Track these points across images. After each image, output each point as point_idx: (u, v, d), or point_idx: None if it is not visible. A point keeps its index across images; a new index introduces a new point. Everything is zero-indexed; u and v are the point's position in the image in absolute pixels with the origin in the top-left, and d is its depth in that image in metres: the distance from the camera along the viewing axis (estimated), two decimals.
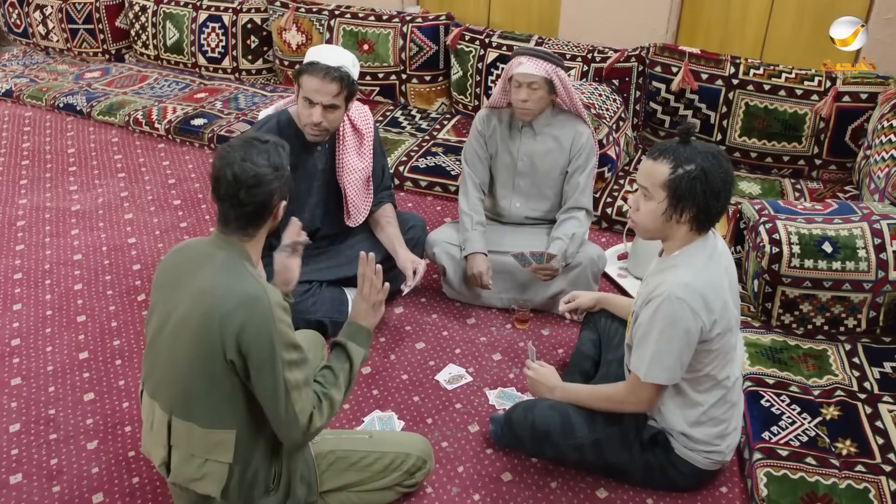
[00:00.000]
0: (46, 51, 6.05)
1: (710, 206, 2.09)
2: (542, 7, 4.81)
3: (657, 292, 2.12)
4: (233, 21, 5.29)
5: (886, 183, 3.29)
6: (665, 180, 2.09)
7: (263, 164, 1.96)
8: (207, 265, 1.97)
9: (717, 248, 2.19)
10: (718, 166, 2.07)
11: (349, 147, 3.05)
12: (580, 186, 3.23)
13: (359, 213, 3.16)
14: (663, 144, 2.15)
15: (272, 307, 1.89)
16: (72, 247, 3.73)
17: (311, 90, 2.80)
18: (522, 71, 3.05)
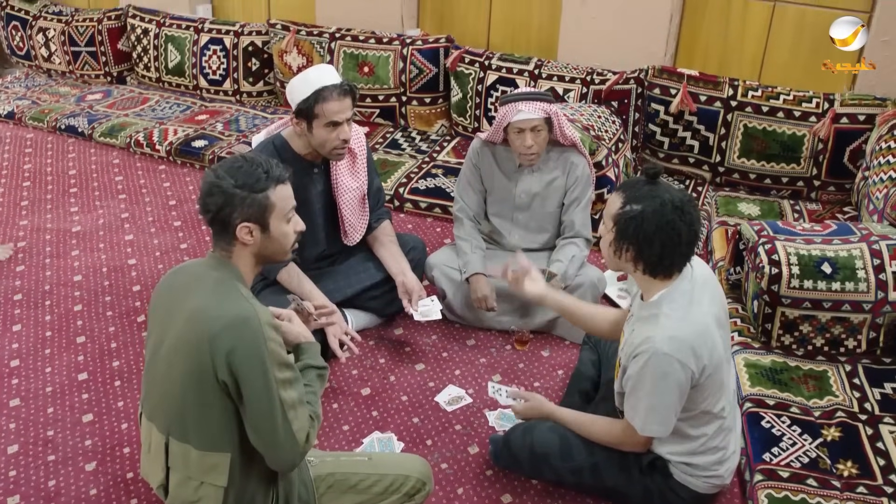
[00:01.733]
0: (49, 73, 6.08)
1: (643, 251, 2.08)
2: (541, 30, 4.84)
3: (643, 348, 2.10)
4: (234, 44, 5.33)
5: (885, 204, 3.30)
6: (613, 213, 2.13)
7: (227, 178, 1.96)
8: (200, 286, 1.97)
9: (696, 284, 2.16)
10: (661, 214, 2.05)
11: (343, 167, 3.06)
12: (578, 217, 3.24)
13: (355, 232, 3.17)
14: (630, 180, 2.17)
15: (262, 326, 1.89)
16: (72, 268, 3.74)
17: (334, 112, 2.81)
18: (523, 117, 3.04)
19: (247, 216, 1.97)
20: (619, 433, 2.29)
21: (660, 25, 4.37)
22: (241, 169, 1.99)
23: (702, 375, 2.11)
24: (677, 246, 2.07)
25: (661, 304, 2.13)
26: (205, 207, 1.98)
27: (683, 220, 2.06)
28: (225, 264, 2.00)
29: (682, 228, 2.06)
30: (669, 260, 2.09)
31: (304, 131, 2.88)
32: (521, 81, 4.50)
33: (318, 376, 2.16)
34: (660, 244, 2.06)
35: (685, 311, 2.11)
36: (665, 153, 4.30)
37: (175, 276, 2.10)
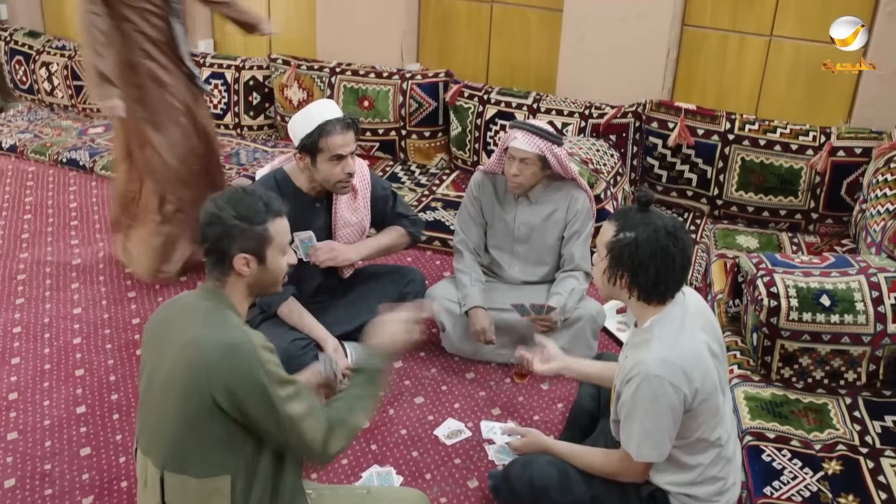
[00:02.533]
0: (51, 107, 6.13)
1: (638, 277, 2.10)
2: (539, 64, 4.88)
3: (635, 371, 2.11)
4: (235, 78, 5.37)
5: (883, 236, 3.31)
6: (606, 241, 2.15)
7: (227, 209, 1.98)
8: (192, 317, 1.99)
9: (688, 311, 2.17)
10: (654, 240, 2.08)
11: (343, 203, 3.06)
12: (578, 250, 3.25)
13: (351, 267, 3.19)
14: (623, 208, 2.20)
15: (257, 350, 1.90)
16: (72, 300, 3.74)
17: (339, 146, 2.82)
18: (515, 145, 3.08)
19: (244, 247, 1.99)
20: (615, 462, 2.28)
21: (657, 60, 4.42)
22: (242, 201, 2.00)
23: (695, 399, 2.11)
24: (671, 271, 2.10)
25: (652, 329, 2.14)
26: (203, 237, 2.00)
27: (677, 246, 2.09)
28: (217, 294, 2.02)
29: (676, 254, 2.09)
30: (664, 285, 2.12)
31: (307, 166, 2.89)
32: (519, 115, 4.54)
33: (366, 380, 2.16)
34: (654, 270, 2.09)
35: (676, 334, 2.12)
36: (663, 186, 4.32)
37: (167, 308, 2.11)
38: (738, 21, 4.32)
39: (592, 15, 4.47)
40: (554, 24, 4.71)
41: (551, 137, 3.09)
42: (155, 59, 3.60)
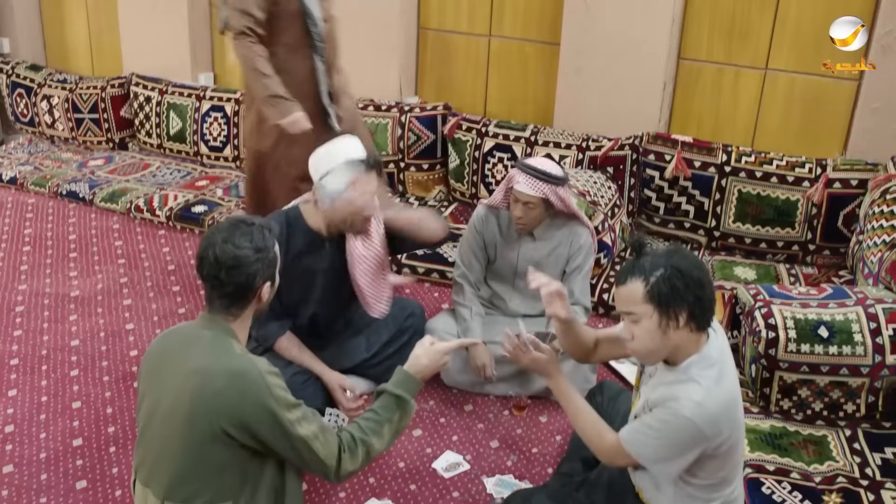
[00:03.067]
0: (51, 139, 6.16)
1: (701, 298, 2.03)
2: (537, 97, 4.92)
3: (666, 404, 2.05)
4: (235, 111, 5.41)
5: (880, 267, 3.32)
6: (643, 295, 2.04)
7: (245, 245, 1.99)
8: (194, 346, 1.99)
9: (722, 353, 2.11)
10: (685, 258, 2.05)
11: (356, 240, 3.02)
12: (578, 286, 3.25)
13: (379, 302, 3.09)
14: (624, 267, 2.13)
15: (263, 376, 1.91)
16: (70, 332, 3.73)
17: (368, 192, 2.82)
18: (519, 189, 3.10)
19: (266, 276, 2.04)
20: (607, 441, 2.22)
21: (654, 93, 4.45)
22: (252, 234, 2.04)
23: (719, 448, 2.06)
24: (711, 277, 2.09)
25: (689, 370, 2.08)
26: (232, 280, 2.00)
27: (695, 256, 2.11)
28: (218, 324, 2.03)
29: (700, 261, 2.09)
30: (713, 297, 2.07)
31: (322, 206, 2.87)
32: (517, 148, 4.57)
33: (394, 405, 2.16)
34: (707, 282, 2.04)
35: (716, 380, 2.05)
36: (661, 218, 4.34)
37: (166, 339, 2.11)
38: (734, 54, 4.37)
39: (589, 48, 4.51)
40: (551, 58, 4.76)
41: (554, 179, 3.10)
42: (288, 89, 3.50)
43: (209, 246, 2.00)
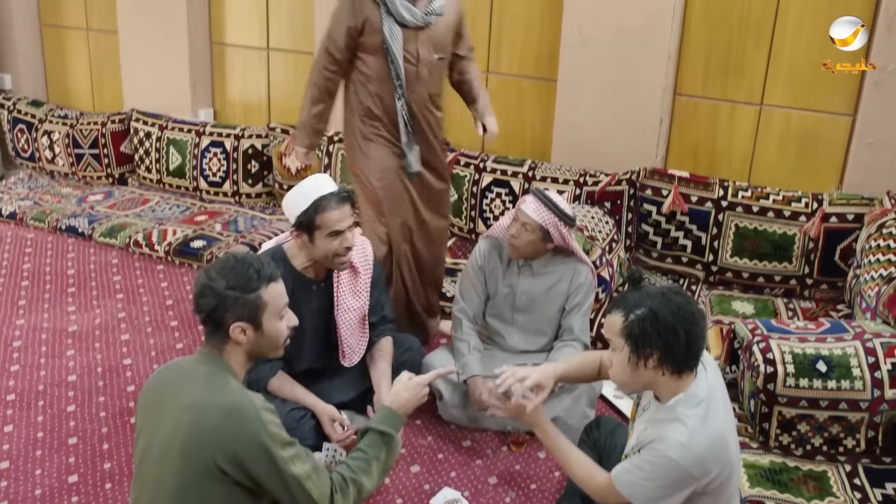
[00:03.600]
0: (51, 174, 6.19)
1: (670, 345, 2.03)
2: (534, 133, 4.96)
3: (653, 445, 2.07)
4: (234, 146, 5.45)
5: (877, 301, 3.33)
6: (620, 329, 2.08)
7: (217, 278, 2.00)
8: (191, 381, 1.99)
9: (711, 390, 2.11)
10: (667, 303, 2.04)
11: (344, 285, 3.03)
12: (578, 323, 3.25)
13: (353, 353, 3.10)
14: (617, 297, 2.16)
15: (258, 412, 1.91)
16: (67, 367, 3.72)
17: (335, 221, 2.80)
18: (524, 209, 3.12)
19: (239, 316, 2.01)
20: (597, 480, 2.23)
21: (650, 128, 4.49)
22: (233, 270, 2.03)
23: (708, 485, 2.06)
24: (697, 327, 2.05)
25: (675, 409, 2.09)
26: (198, 308, 2.03)
27: (689, 302, 2.07)
28: (215, 359, 2.03)
29: (693, 309, 2.06)
30: (695, 345, 2.06)
31: (305, 244, 2.86)
32: (515, 183, 4.59)
33: (380, 442, 2.17)
34: (683, 331, 2.03)
35: (701, 419, 2.06)
36: (658, 253, 4.35)
37: (164, 373, 2.11)
38: (729, 90, 4.41)
39: (586, 85, 4.55)
40: (549, 94, 4.80)
41: (562, 215, 3.11)
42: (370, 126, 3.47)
43: (198, 278, 2.05)
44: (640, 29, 4.34)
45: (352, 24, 3.32)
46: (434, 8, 3.36)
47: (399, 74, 3.34)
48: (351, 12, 3.32)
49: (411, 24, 3.31)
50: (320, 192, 2.81)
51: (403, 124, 3.42)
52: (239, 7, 5.73)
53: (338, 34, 3.37)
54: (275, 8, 5.59)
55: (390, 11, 3.27)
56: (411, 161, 3.46)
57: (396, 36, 3.30)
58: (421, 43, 3.37)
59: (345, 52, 3.39)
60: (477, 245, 3.38)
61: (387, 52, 3.32)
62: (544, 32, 4.75)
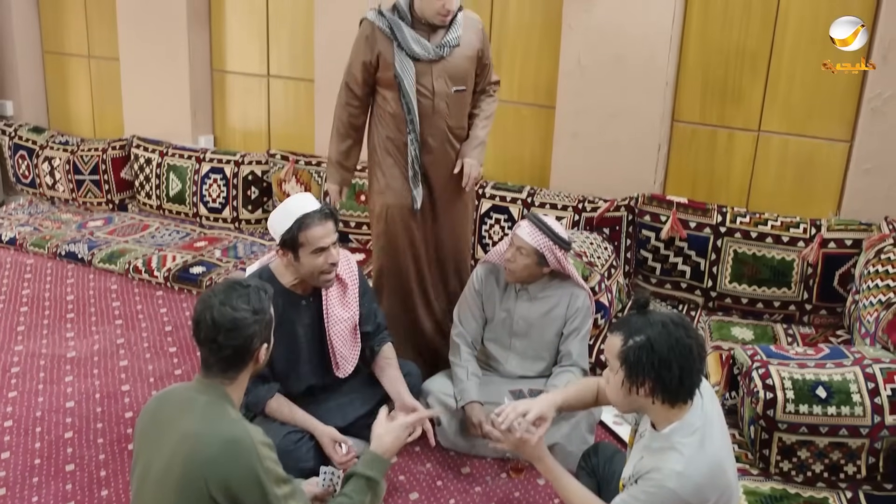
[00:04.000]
0: (52, 200, 6.21)
1: (662, 377, 2.03)
2: (533, 159, 4.98)
3: (650, 475, 2.06)
4: (234, 173, 5.47)
5: (876, 327, 3.33)
6: (617, 352, 2.09)
7: (243, 307, 2.00)
8: (189, 410, 1.98)
9: (707, 417, 2.10)
10: (667, 335, 2.03)
11: (333, 298, 3.05)
12: (576, 348, 3.25)
13: (347, 364, 3.12)
14: (622, 317, 2.16)
15: (256, 446, 1.90)
16: (65, 394, 3.71)
17: (319, 237, 2.82)
18: (519, 233, 3.13)
19: (263, 337, 2.04)
20: None
21: (649, 155, 4.51)
22: (249, 296, 2.04)
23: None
24: (692, 362, 2.04)
25: (671, 437, 2.08)
26: (230, 343, 2.00)
27: (690, 336, 2.05)
28: (214, 388, 2.02)
29: (692, 344, 2.04)
30: (689, 380, 2.05)
31: (290, 262, 2.89)
32: (514, 210, 4.61)
33: (365, 487, 2.17)
34: (677, 365, 2.02)
35: (698, 446, 2.05)
36: (657, 278, 4.35)
37: (162, 400, 2.11)
38: (727, 117, 4.43)
39: (585, 111, 4.58)
40: (547, 120, 4.82)
41: (557, 239, 3.12)
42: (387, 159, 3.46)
43: (206, 308, 2.00)
44: (637, 57, 4.38)
45: (367, 58, 3.31)
46: (449, 40, 3.29)
47: (411, 109, 3.29)
48: (366, 47, 3.31)
49: (424, 58, 3.27)
50: (303, 210, 2.84)
51: (412, 160, 3.37)
52: (240, 35, 5.78)
53: (355, 69, 3.36)
54: (275, 36, 5.64)
55: (402, 46, 3.25)
56: (415, 197, 3.41)
57: (408, 70, 3.26)
58: (436, 76, 3.31)
59: (363, 87, 3.38)
60: (474, 270, 3.39)
61: (399, 87, 3.28)
62: (543, 60, 4.78)
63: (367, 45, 3.31)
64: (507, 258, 3.16)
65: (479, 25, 3.44)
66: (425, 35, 3.29)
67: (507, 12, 4.82)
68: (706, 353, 2.11)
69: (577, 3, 4.46)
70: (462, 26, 3.33)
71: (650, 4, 4.29)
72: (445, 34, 3.30)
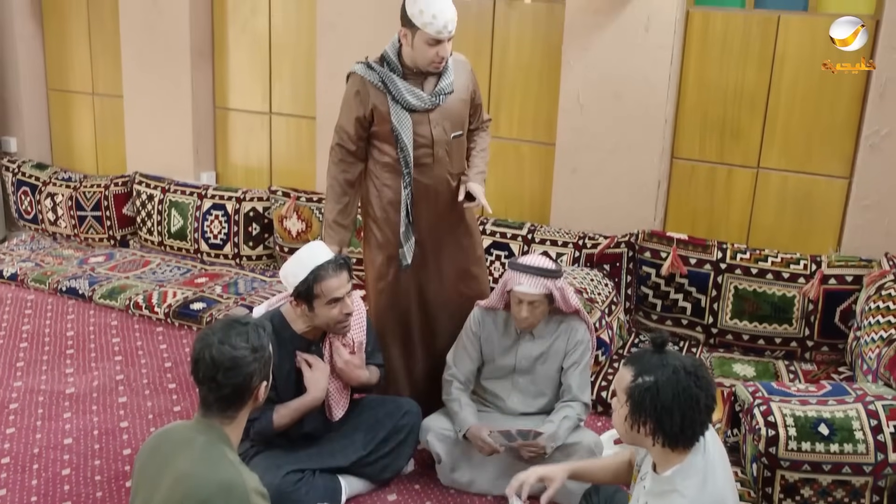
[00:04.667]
0: (53, 236, 6.22)
1: (663, 422, 2.01)
2: (533, 196, 5.00)
3: None
4: (236, 209, 5.49)
5: (878, 364, 3.32)
6: (625, 387, 2.08)
7: (242, 346, 1.99)
8: (186, 450, 1.97)
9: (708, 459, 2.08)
10: (675, 382, 2.00)
11: (339, 344, 3.06)
12: (575, 381, 3.23)
13: (338, 408, 3.11)
14: (638, 351, 2.15)
15: (248, 493, 1.88)
16: (63, 430, 3.69)
17: (334, 289, 2.82)
18: (521, 290, 3.09)
19: (263, 375, 2.03)
20: None
21: (648, 191, 4.53)
22: (248, 334, 2.03)
23: None
24: (697, 413, 2.00)
25: (673, 480, 2.06)
26: (230, 381, 1.99)
27: (699, 386, 2.01)
28: (213, 428, 2.01)
29: (700, 395, 2.01)
30: (691, 430, 2.02)
31: (305, 312, 2.89)
32: (514, 246, 4.61)
33: None
34: (679, 414, 1.99)
35: (699, 489, 2.03)
36: (658, 315, 4.34)
37: (160, 438, 2.10)
38: (725, 154, 4.46)
39: (584, 148, 4.61)
40: (547, 157, 4.85)
41: (551, 273, 3.11)
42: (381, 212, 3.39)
43: (205, 347, 1.99)
44: (636, 95, 4.42)
45: (360, 114, 3.23)
46: (444, 87, 3.23)
47: (408, 162, 3.22)
48: (357, 103, 3.23)
49: (420, 109, 3.22)
50: (317, 262, 2.84)
51: (405, 212, 3.29)
52: (242, 72, 5.83)
53: (348, 126, 3.27)
54: (277, 73, 5.69)
55: (396, 99, 3.19)
56: (405, 252, 3.32)
57: (405, 122, 3.20)
58: (434, 124, 3.25)
59: (357, 143, 3.29)
60: (472, 313, 3.36)
61: (396, 140, 3.22)
62: (542, 98, 4.82)
63: (359, 101, 3.23)
64: (524, 317, 3.12)
65: (468, 66, 3.42)
66: (418, 84, 3.23)
67: (508, 50, 4.87)
68: (715, 405, 2.07)
69: (577, 42, 4.51)
70: (453, 70, 3.29)
71: (648, 43, 4.34)
72: (439, 81, 3.25)
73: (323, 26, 5.23)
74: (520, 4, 4.74)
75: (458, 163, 3.39)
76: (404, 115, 3.19)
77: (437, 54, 3.13)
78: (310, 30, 5.42)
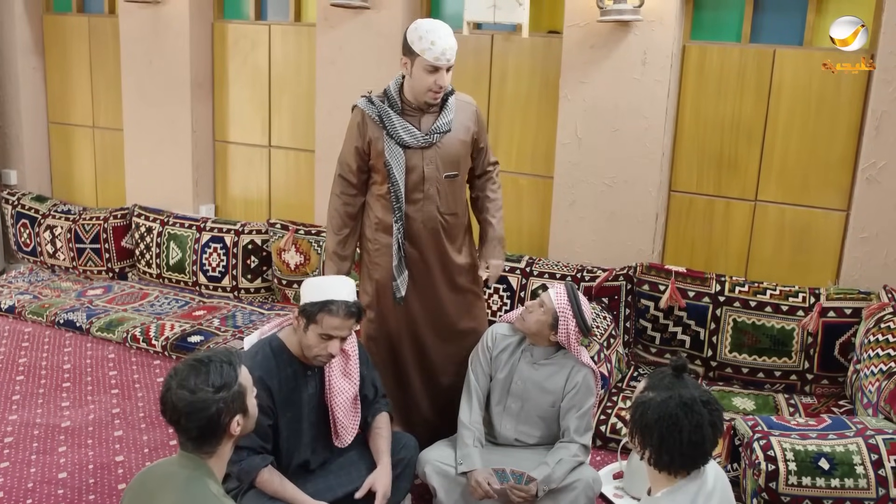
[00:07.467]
0: (52, 268, 6.22)
1: (644, 439, 2.04)
2: (532, 229, 5.00)
3: None
4: (234, 242, 5.49)
5: (878, 397, 3.30)
6: (634, 396, 2.15)
7: (202, 388, 1.95)
8: (170, 486, 1.96)
9: (703, 488, 2.06)
10: (664, 407, 2.01)
11: (336, 368, 3.03)
12: (574, 423, 3.19)
13: (346, 434, 3.08)
14: (661, 369, 2.17)
15: None
16: (58, 464, 3.66)
17: (332, 328, 2.81)
18: (549, 290, 3.15)
19: (234, 410, 2.00)
20: None
21: (646, 224, 4.53)
22: (209, 374, 1.99)
23: None
24: (677, 443, 1.99)
25: (662, 500, 2.05)
26: (194, 424, 1.96)
27: (688, 419, 2.00)
28: (196, 463, 2.00)
29: (685, 426, 1.99)
30: (668, 456, 2.02)
31: (299, 328, 2.90)
32: (513, 279, 4.61)
33: None
34: (658, 436, 2.01)
35: None
36: (657, 348, 4.33)
37: (146, 475, 2.09)
38: (723, 187, 4.48)
39: (582, 182, 4.63)
40: (545, 190, 4.87)
41: (578, 314, 3.11)
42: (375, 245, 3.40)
43: (167, 391, 1.97)
44: (633, 128, 4.44)
45: (359, 144, 3.30)
46: (440, 126, 3.24)
47: (398, 197, 3.24)
48: (357, 134, 3.31)
49: (413, 146, 3.25)
50: (335, 296, 2.83)
51: (397, 246, 3.30)
52: (242, 106, 5.87)
53: (349, 157, 3.34)
54: (277, 107, 5.73)
55: (391, 134, 3.23)
56: (398, 285, 3.33)
57: (397, 157, 3.23)
58: (427, 161, 3.26)
59: (358, 175, 3.35)
60: (490, 328, 3.36)
61: (388, 174, 3.24)
62: (540, 131, 4.85)
63: (359, 132, 3.30)
64: (526, 305, 3.17)
65: (472, 108, 3.42)
66: (415, 121, 3.26)
67: (506, 84, 4.91)
68: (705, 443, 2.03)
69: (574, 76, 4.55)
70: (454, 109, 3.31)
71: (645, 77, 4.37)
72: (436, 119, 3.27)
73: (322, 61, 5.27)
74: (518, 39, 4.78)
75: (448, 203, 3.38)
76: (397, 150, 3.24)
77: (434, 83, 3.15)
78: (310, 64, 5.46)
